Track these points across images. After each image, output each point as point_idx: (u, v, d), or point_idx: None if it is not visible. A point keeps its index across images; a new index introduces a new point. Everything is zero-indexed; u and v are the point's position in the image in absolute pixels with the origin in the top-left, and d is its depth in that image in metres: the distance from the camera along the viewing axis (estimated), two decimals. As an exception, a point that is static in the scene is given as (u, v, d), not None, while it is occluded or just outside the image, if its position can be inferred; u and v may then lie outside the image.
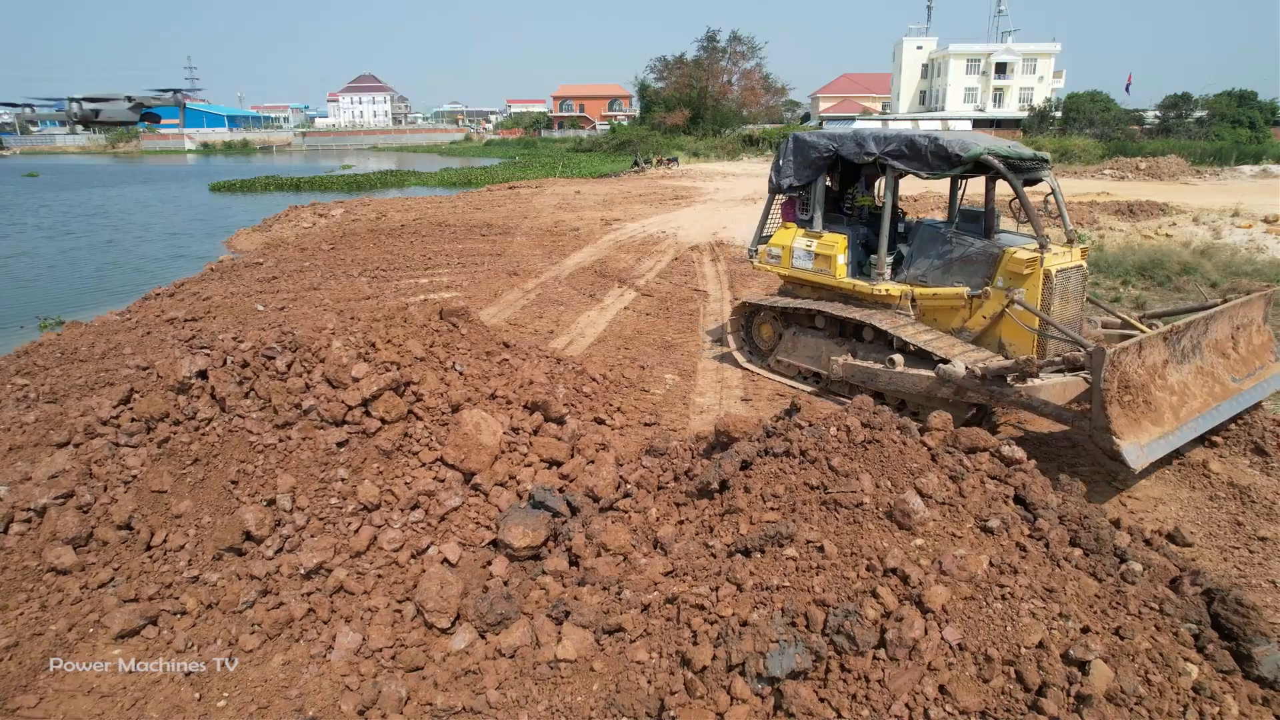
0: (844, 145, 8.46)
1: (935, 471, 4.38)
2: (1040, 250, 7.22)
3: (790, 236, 9.12)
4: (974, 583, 3.24)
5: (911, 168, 8.01)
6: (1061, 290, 7.31)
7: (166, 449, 5.71)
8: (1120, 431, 5.74)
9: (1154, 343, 6.21)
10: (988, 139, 7.95)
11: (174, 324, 11.62)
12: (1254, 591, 5.12)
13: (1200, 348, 6.79)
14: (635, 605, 3.60)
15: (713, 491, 4.49)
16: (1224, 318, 7.04)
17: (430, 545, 5.15)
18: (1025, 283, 7.30)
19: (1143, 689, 3.02)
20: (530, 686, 3.43)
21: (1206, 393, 6.60)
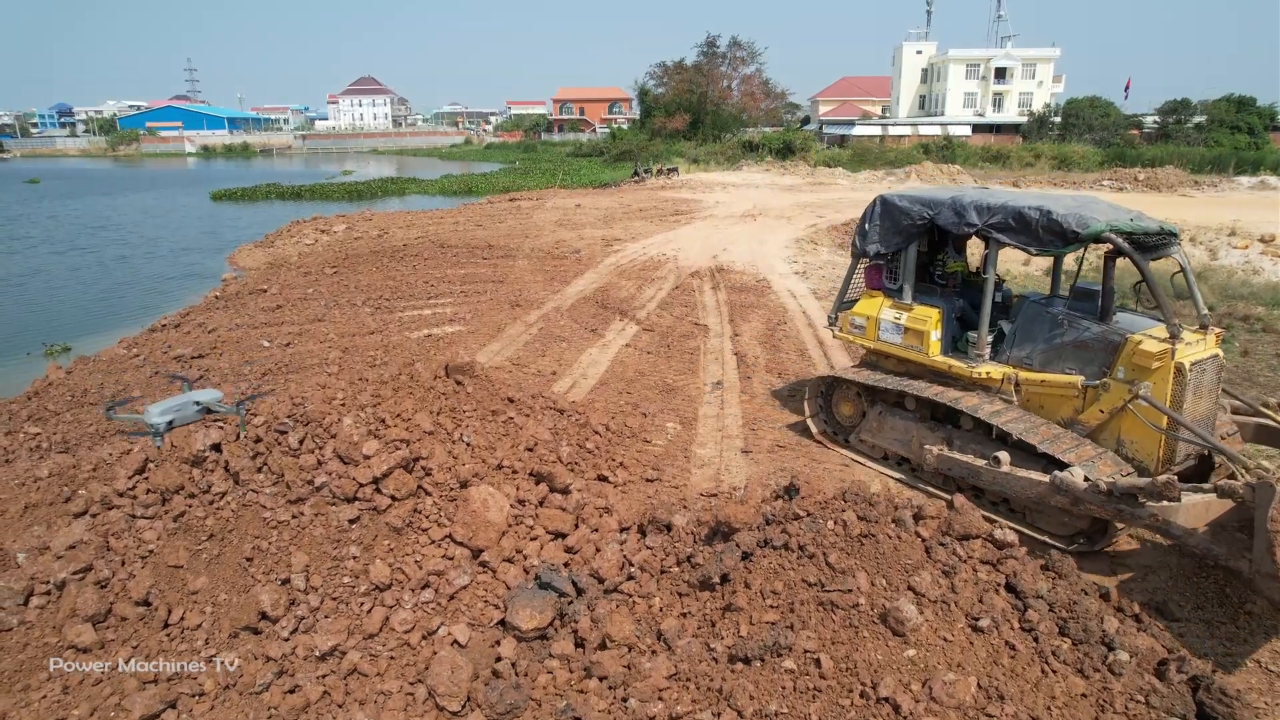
0: (940, 214, 7.76)
1: (929, 568, 4.54)
2: (1171, 340, 6.36)
3: (876, 306, 8.44)
4: (961, 710, 3.40)
5: (1019, 242, 7.20)
6: (1195, 386, 6.45)
7: (182, 523, 5.87)
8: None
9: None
10: (1107, 209, 7.13)
11: (180, 362, 11.78)
12: (1240, 673, 5.29)
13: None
14: (642, 717, 3.77)
15: (714, 584, 4.66)
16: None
17: (441, 626, 5.31)
18: (1153, 376, 6.43)
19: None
20: (540, 799, 3.61)
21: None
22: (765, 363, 11.49)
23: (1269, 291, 19.56)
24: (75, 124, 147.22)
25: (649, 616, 4.72)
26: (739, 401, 10.03)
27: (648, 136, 78.86)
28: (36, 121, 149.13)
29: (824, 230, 24.90)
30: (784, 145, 69.87)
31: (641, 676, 4.07)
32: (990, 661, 4.07)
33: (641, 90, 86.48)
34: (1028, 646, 4.38)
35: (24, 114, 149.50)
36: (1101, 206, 7.21)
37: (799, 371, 11.12)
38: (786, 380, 10.80)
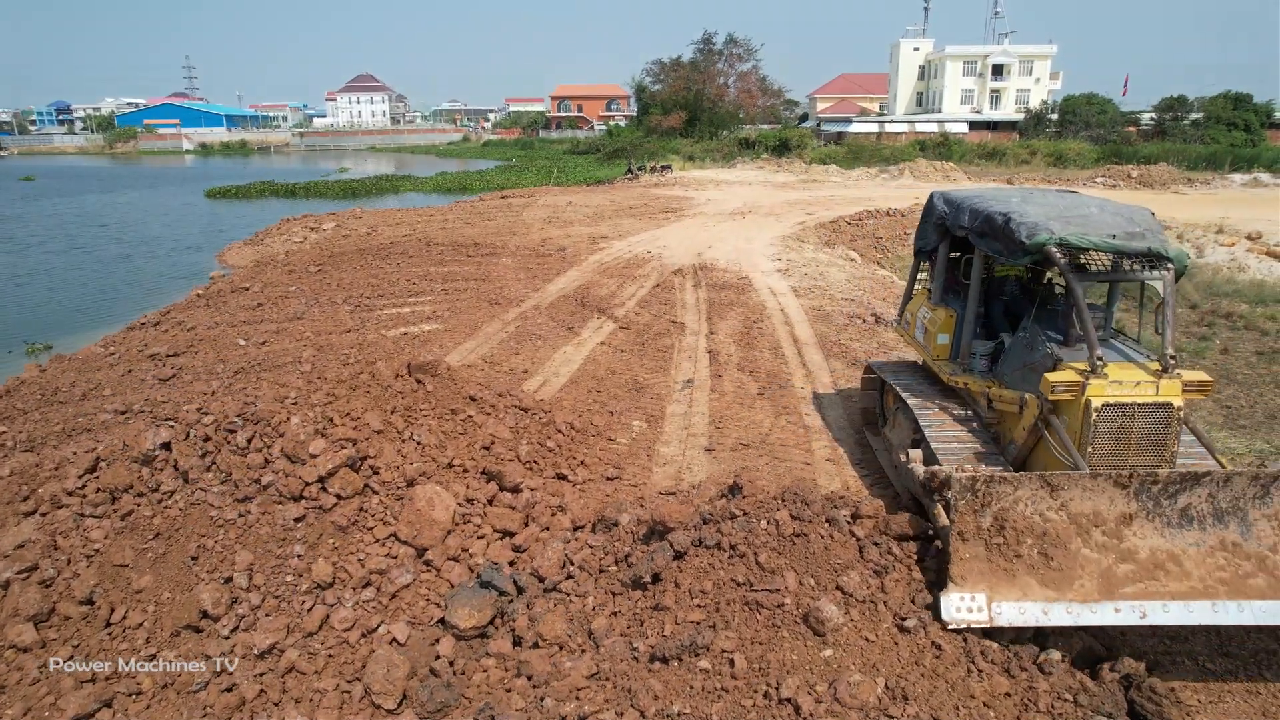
0: (951, 215, 7.49)
1: (860, 567, 4.55)
2: (1085, 375, 5.75)
3: (918, 305, 8.35)
4: (864, 711, 3.41)
5: (993, 249, 6.73)
6: (1115, 432, 5.75)
7: (130, 522, 5.88)
8: (961, 579, 4.64)
9: (1081, 485, 5.00)
10: (1083, 221, 6.30)
11: (155, 360, 11.78)
12: (1176, 671, 5.28)
13: (1246, 517, 5.09)
14: (554, 716, 3.78)
15: (646, 584, 4.66)
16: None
17: (381, 624, 5.33)
18: (1065, 410, 5.95)
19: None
20: (452, 798, 3.63)
21: (1220, 579, 5.00)
22: (738, 361, 11.49)
23: (1253, 289, 19.57)
24: (73, 121, 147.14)
25: (582, 616, 4.73)
26: (708, 400, 10.03)
27: (644, 134, 78.86)
28: (34, 119, 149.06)
29: (811, 228, 24.88)
30: (780, 142, 69.83)
31: (562, 676, 4.08)
32: (911, 662, 4.07)
33: (638, 87, 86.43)
34: (955, 646, 4.38)
35: (22, 111, 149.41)
36: (1076, 213, 6.48)
37: (771, 370, 11.12)
38: (758, 378, 10.80)
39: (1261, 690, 5.08)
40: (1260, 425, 11.59)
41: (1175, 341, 6.01)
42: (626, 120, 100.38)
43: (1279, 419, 11.82)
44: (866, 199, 32.55)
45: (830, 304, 14.93)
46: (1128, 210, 6.60)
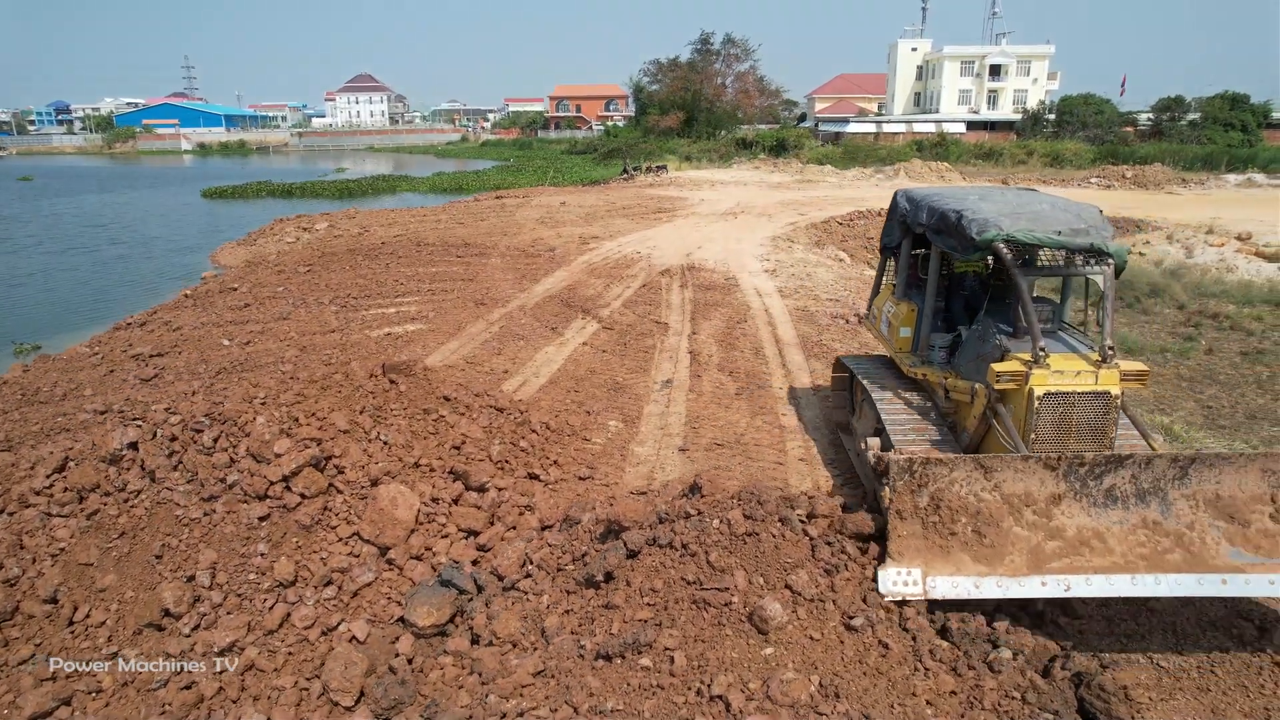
0: (911, 211, 7.76)
1: (810, 566, 4.59)
2: (1030, 364, 6.03)
3: (884, 300, 8.65)
4: (795, 708, 3.45)
5: (949, 246, 6.96)
6: (1055, 420, 6.05)
7: (95, 521, 5.92)
8: (899, 554, 4.93)
9: (1013, 468, 5.26)
10: (1034, 218, 6.53)
11: (138, 360, 11.82)
12: (1130, 669, 5.31)
13: (1166, 497, 5.38)
14: (496, 713, 3.82)
15: (598, 582, 4.70)
16: (1249, 470, 5.41)
17: (341, 623, 5.37)
18: (1011, 399, 6.22)
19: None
20: (392, 793, 3.67)
21: (1140, 555, 5.31)
22: (718, 361, 11.52)
23: (1241, 289, 19.60)
24: (72, 121, 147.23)
25: (536, 614, 4.77)
26: (686, 400, 10.07)
27: (642, 134, 78.97)
28: (34, 119, 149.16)
29: (803, 228, 24.92)
30: (777, 143, 69.91)
31: (509, 673, 4.12)
32: (855, 660, 4.11)
33: (637, 87, 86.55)
34: (903, 646, 4.42)
35: (21, 111, 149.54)
36: (1026, 211, 6.67)
37: (751, 370, 11.16)
38: (738, 379, 10.84)
39: (1212, 688, 5.11)
40: (1240, 425, 11.62)
41: (1115, 333, 6.24)
42: (625, 120, 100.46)
43: (1259, 419, 11.83)
44: (860, 199, 32.60)
45: (815, 304, 14.97)
46: (1077, 208, 6.79)
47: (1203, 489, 5.42)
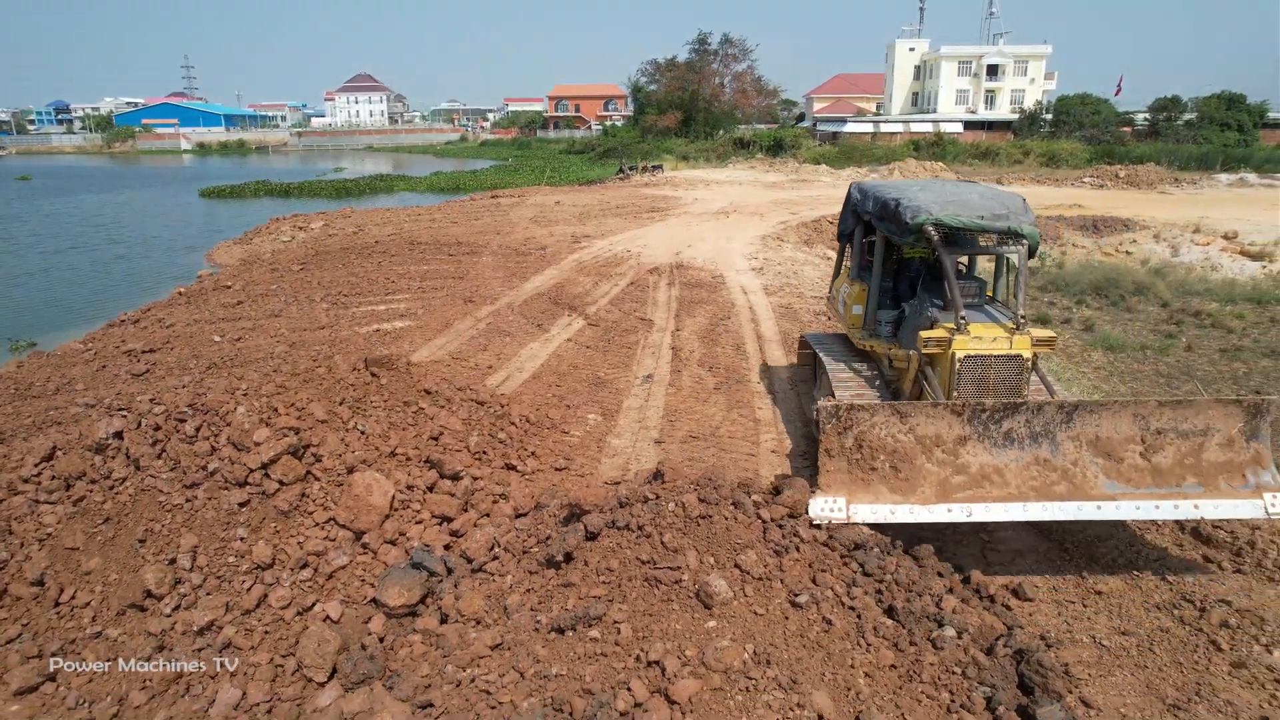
0: (861, 201, 8.58)
1: (760, 547, 4.81)
2: (953, 332, 6.92)
3: (841, 282, 9.52)
4: (727, 674, 3.66)
5: (889, 230, 7.79)
6: (974, 380, 6.91)
7: (81, 507, 6.13)
8: (827, 486, 5.77)
9: (925, 413, 6.05)
10: (961, 204, 7.37)
11: (130, 356, 12.04)
12: (1073, 647, 5.54)
13: (1055, 438, 6.19)
14: (452, 680, 4.03)
15: (559, 563, 4.92)
16: (1123, 415, 6.23)
17: (316, 603, 5.58)
18: (937, 362, 7.14)
19: (865, 768, 3.45)
20: (353, 755, 3.88)
21: (1031, 486, 6.10)
22: (699, 357, 11.74)
23: (1224, 288, 19.79)
24: (71, 121, 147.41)
25: (499, 594, 4.98)
26: (665, 394, 10.28)
27: (640, 134, 79.14)
28: (33, 119, 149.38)
29: (793, 227, 25.13)
30: (775, 142, 70.08)
31: (468, 646, 4.34)
32: (797, 634, 4.33)
33: (635, 87, 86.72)
34: (847, 623, 4.64)
35: (21, 111, 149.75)
36: (956, 200, 7.46)
37: (731, 365, 11.37)
38: (717, 374, 11.05)
39: (1149, 664, 5.34)
40: (1213, 420, 11.78)
41: (1025, 305, 7.27)
42: (624, 120, 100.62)
43: (1232, 414, 12.00)
44: (852, 199, 32.77)
45: (799, 301, 15.18)
46: (1002, 196, 7.72)
47: (1085, 431, 6.27)
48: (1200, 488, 6.17)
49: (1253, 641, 5.42)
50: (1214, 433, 6.27)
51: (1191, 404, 6.32)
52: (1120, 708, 4.98)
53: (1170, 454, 6.25)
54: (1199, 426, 6.28)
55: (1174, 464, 6.23)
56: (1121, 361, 14.51)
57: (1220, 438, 6.27)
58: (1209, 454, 6.26)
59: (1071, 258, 23.57)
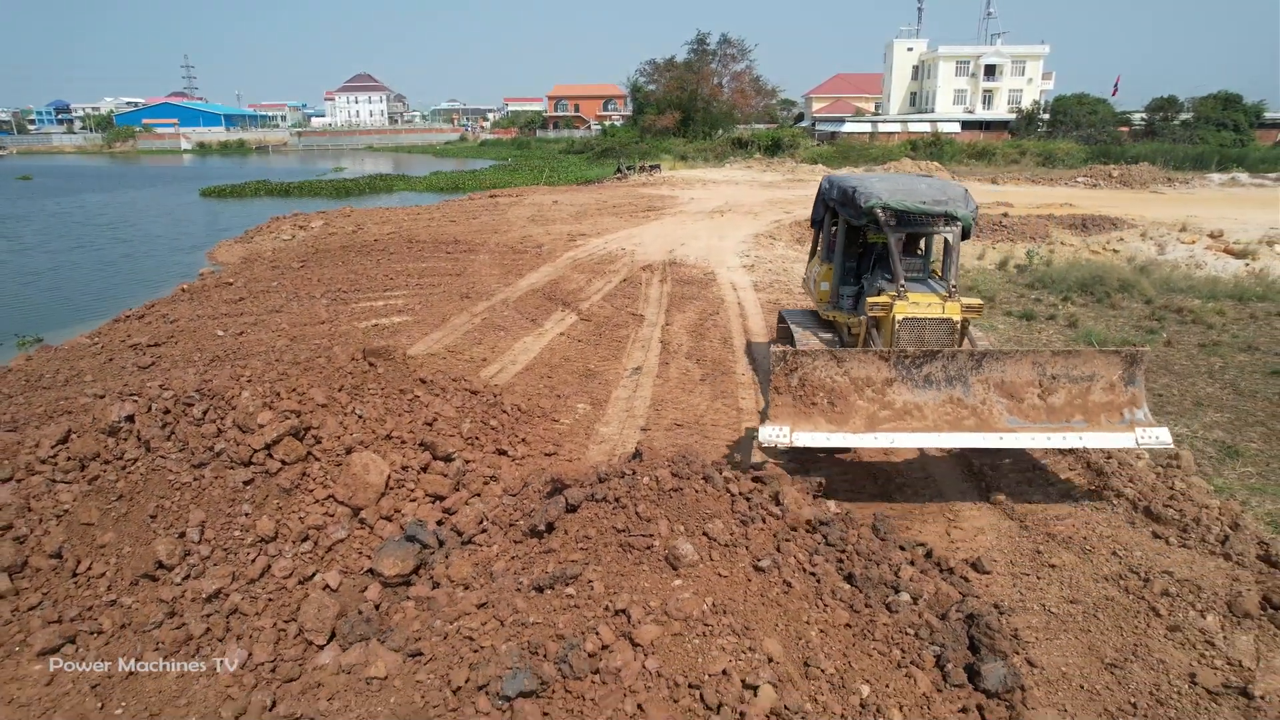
0: (828, 190, 9.79)
1: (726, 517, 5.20)
2: (895, 298, 8.09)
3: (813, 265, 10.80)
4: (686, 621, 4.04)
5: (848, 214, 9.00)
6: (912, 339, 8.02)
7: (96, 486, 6.52)
8: (775, 417, 6.94)
9: (858, 358, 7.16)
10: (908, 192, 8.54)
11: (136, 350, 12.43)
12: (1024, 614, 5.94)
13: (966, 381, 7.27)
14: (440, 633, 4.42)
15: (541, 532, 5.31)
16: (1024, 362, 7.35)
17: (316, 573, 5.97)
18: (884, 324, 8.23)
19: (809, 706, 3.83)
20: (350, 697, 4.25)
21: (944, 419, 7.17)
22: (687, 350, 12.13)
23: (1208, 285, 20.17)
24: (72, 121, 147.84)
25: (486, 561, 5.37)
26: (652, 385, 10.67)
27: (639, 134, 79.51)
28: (34, 119, 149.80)
29: (786, 226, 25.52)
30: (773, 142, 70.43)
31: (455, 604, 4.73)
32: (757, 594, 4.71)
33: (634, 87, 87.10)
34: (806, 586, 5.03)
35: (21, 111, 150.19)
36: (901, 189, 8.62)
37: (717, 358, 11.77)
38: (704, 366, 11.44)
39: (1092, 629, 5.72)
40: (1186, 412, 12.18)
41: (956, 277, 8.47)
42: (623, 120, 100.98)
43: (1204, 405, 12.40)
44: (846, 198, 33.14)
45: (787, 298, 15.57)
46: (946, 187, 8.93)
47: (991, 375, 7.34)
48: (1085, 423, 7.28)
49: (1189, 608, 5.81)
50: (1099, 378, 7.36)
51: (1080, 354, 7.44)
52: (1062, 666, 5.37)
53: (1062, 395, 7.34)
54: (1086, 373, 7.37)
55: (1065, 403, 7.33)
56: (1102, 356, 14.86)
57: (1104, 382, 7.36)
58: (1094, 395, 7.36)
59: (1060, 256, 23.94)
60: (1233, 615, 5.68)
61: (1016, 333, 16.34)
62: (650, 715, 3.58)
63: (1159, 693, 5.06)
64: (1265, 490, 8.92)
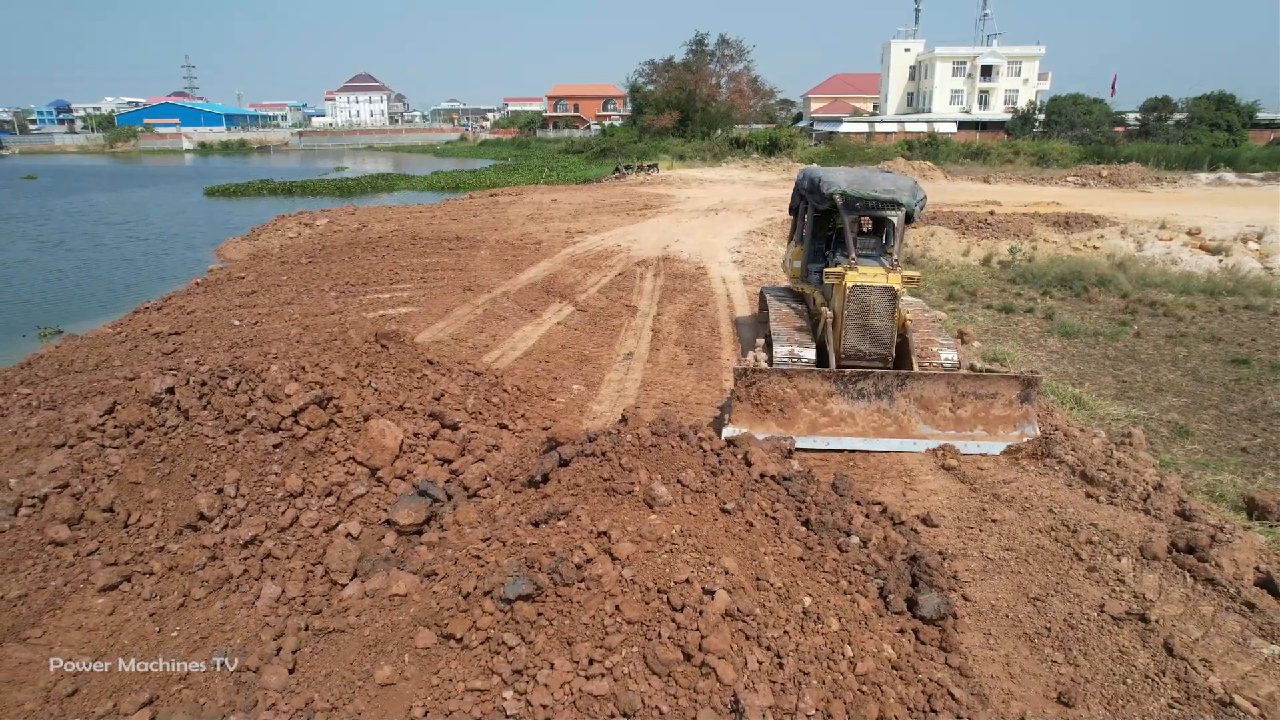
0: (802, 181, 11.26)
1: (698, 468, 6.00)
2: (847, 269, 9.51)
3: (790, 246, 12.47)
4: (657, 541, 4.83)
5: (815, 201, 10.49)
6: (861, 302, 9.40)
7: (141, 450, 7.31)
8: (735, 420, 8.62)
9: (805, 375, 8.71)
10: (863, 182, 9.93)
11: (159, 338, 13.22)
12: (964, 560, 6.73)
13: (892, 396, 8.78)
14: (450, 559, 5.21)
15: (538, 483, 6.10)
16: (940, 383, 8.75)
17: (339, 523, 6.76)
18: (838, 291, 9.65)
19: (758, 610, 4.62)
20: (375, 613, 5.03)
21: (872, 426, 8.73)
22: (677, 337, 12.93)
23: (1182, 280, 20.98)
24: (73, 121, 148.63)
25: (490, 509, 6.16)
26: (643, 369, 11.47)
27: (638, 134, 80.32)
28: (35, 118, 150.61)
29: (778, 224, 26.30)
30: (770, 142, 71.21)
31: (463, 538, 5.52)
32: (722, 530, 5.50)
33: (633, 87, 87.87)
34: (767, 525, 5.82)
35: (22, 111, 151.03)
36: (860, 180, 9.99)
37: (704, 345, 12.56)
38: (691, 352, 12.24)
39: (1022, 571, 6.52)
40: (1147, 397, 12.98)
41: (900, 254, 9.97)
42: (622, 120, 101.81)
43: (1165, 391, 13.19)
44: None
45: (774, 290, 16.37)
46: (898, 179, 10.28)
47: (913, 392, 8.82)
48: (984, 432, 8.80)
49: (1108, 553, 6.60)
50: (1000, 396, 8.78)
51: (986, 376, 8.82)
52: (992, 600, 6.17)
53: (969, 409, 8.80)
54: (990, 391, 8.78)
55: (971, 416, 8.80)
56: (1075, 346, 15.70)
57: (1004, 400, 8.78)
58: (995, 410, 8.81)
59: (1042, 252, 24.73)
60: (1143, 558, 6.48)
61: (995, 325, 17.14)
62: (625, 614, 4.37)
63: (1071, 619, 5.85)
64: (1208, 465, 9.75)
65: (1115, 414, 11.99)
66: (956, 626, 5.77)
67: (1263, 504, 7.60)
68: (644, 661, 4.24)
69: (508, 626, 4.43)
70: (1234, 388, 13.06)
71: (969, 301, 18.82)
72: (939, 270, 21.89)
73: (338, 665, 4.64)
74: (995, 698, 5.09)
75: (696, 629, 4.34)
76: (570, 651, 4.28)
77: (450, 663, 4.36)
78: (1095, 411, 11.77)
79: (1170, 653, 5.33)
